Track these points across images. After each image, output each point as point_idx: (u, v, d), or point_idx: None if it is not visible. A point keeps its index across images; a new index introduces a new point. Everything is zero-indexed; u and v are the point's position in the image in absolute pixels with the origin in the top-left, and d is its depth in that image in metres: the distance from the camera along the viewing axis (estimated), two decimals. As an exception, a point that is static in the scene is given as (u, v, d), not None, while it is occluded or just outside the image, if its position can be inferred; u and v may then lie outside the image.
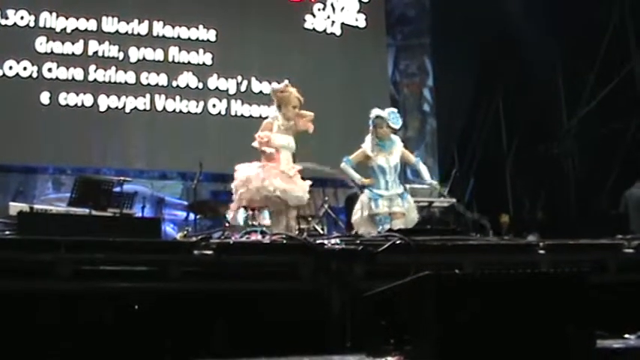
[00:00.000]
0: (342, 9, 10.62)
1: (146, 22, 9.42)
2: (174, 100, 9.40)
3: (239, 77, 9.75)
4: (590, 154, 10.09)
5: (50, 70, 8.85)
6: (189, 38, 9.62)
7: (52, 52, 8.90)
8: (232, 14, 9.98)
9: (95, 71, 9.04)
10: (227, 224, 6.11)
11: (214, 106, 9.60)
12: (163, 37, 9.48)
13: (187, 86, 9.48)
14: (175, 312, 3.30)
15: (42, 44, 8.87)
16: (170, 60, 9.44)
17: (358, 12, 10.72)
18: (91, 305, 3.22)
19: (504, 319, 2.58)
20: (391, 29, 11.37)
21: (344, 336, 3.41)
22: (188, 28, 9.62)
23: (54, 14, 8.98)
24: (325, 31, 10.46)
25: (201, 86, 9.55)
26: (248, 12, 10.03)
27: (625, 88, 9.47)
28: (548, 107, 10.69)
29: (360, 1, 10.75)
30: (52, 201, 8.23)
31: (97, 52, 9.09)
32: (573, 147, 10.54)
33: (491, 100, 11.30)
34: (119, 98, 9.12)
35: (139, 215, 7.40)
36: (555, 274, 2.93)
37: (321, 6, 10.48)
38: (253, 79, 9.77)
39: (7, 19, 8.78)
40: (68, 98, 8.87)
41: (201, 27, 9.69)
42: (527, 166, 10.95)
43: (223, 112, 9.64)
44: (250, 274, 3.58)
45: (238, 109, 9.70)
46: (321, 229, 7.33)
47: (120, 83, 9.16)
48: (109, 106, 9.05)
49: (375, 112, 6.16)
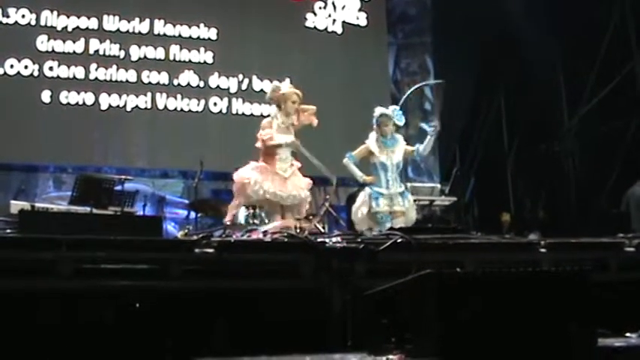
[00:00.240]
0: (343, 7, 10.60)
1: (147, 20, 9.41)
2: (175, 98, 9.39)
3: (240, 76, 9.73)
4: (590, 154, 10.08)
5: (51, 68, 8.84)
6: (190, 37, 9.61)
7: (53, 50, 8.89)
8: (233, 13, 9.97)
9: (96, 70, 9.03)
10: (227, 223, 6.11)
11: (215, 104, 9.59)
12: (164, 35, 9.48)
13: (188, 85, 9.47)
14: (176, 310, 3.30)
15: (43, 43, 8.86)
16: (171, 58, 9.44)
17: (359, 10, 10.70)
18: (92, 304, 3.23)
19: (506, 317, 2.58)
20: (392, 28, 11.35)
21: (345, 334, 3.41)
22: (189, 27, 9.61)
23: (55, 13, 8.98)
24: (326, 29, 10.44)
25: (202, 85, 9.53)
26: (249, 10, 10.02)
27: (626, 88, 9.45)
28: (548, 106, 10.68)
29: (361, -1, 10.76)
30: (53, 199, 8.21)
31: (98, 50, 9.08)
32: (574, 146, 10.52)
33: (492, 99, 11.28)
34: (120, 97, 9.11)
35: (140, 214, 7.40)
36: (557, 273, 2.93)
37: (322, 4, 10.46)
38: (254, 78, 9.75)
39: (8, 17, 8.78)
40: (69, 97, 8.86)
41: (202, 25, 9.67)
42: (528, 165, 10.94)
43: (224, 111, 9.63)
44: (251, 273, 3.58)
45: (239, 107, 9.69)
46: (322, 227, 7.32)
47: (121, 82, 9.15)
48: (110, 105, 9.05)
49: (379, 110, 6.17)
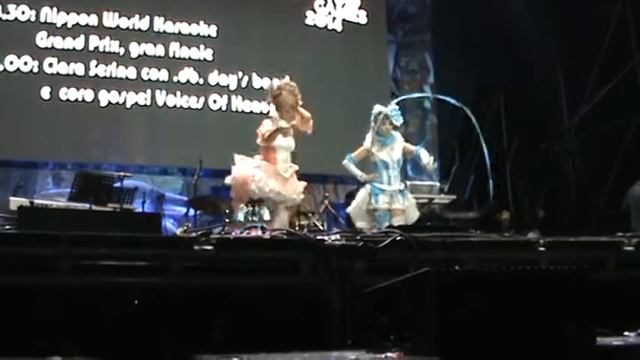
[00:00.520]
0: (343, 5, 10.59)
1: (147, 17, 9.38)
2: (174, 95, 9.37)
3: (240, 73, 9.72)
4: (590, 153, 10.08)
5: (51, 65, 8.81)
6: (190, 34, 9.58)
7: (52, 47, 8.86)
8: (233, 10, 9.95)
9: (96, 66, 9.00)
10: (227, 220, 6.12)
11: (215, 101, 9.58)
12: (164, 32, 9.45)
13: (188, 82, 9.44)
14: (175, 307, 3.30)
15: (43, 39, 8.83)
16: (171, 55, 9.42)
17: (359, 8, 10.69)
18: (91, 300, 3.22)
19: (504, 315, 2.59)
20: (392, 26, 11.33)
21: (344, 332, 3.41)
22: (189, 24, 9.58)
23: (55, 9, 8.95)
24: (326, 27, 10.43)
25: (202, 82, 9.51)
26: (249, 8, 10.01)
27: (626, 88, 9.46)
28: (548, 106, 10.67)
29: (361, -3, 10.75)
30: (52, 196, 8.20)
31: (97, 47, 9.05)
32: (574, 146, 10.52)
33: (491, 97, 11.28)
34: (120, 93, 9.09)
35: (140, 210, 7.40)
36: (555, 272, 2.93)
37: (322, 2, 10.45)
38: (254, 75, 9.73)
39: (8, 13, 8.76)
40: (69, 93, 8.84)
41: (202, 22, 9.64)
42: (527, 164, 10.93)
43: (224, 108, 9.61)
44: (250, 270, 3.59)
45: (239, 104, 9.67)
46: (322, 225, 7.33)
47: (121, 79, 9.12)
48: (110, 102, 9.03)
49: (377, 108, 6.17)
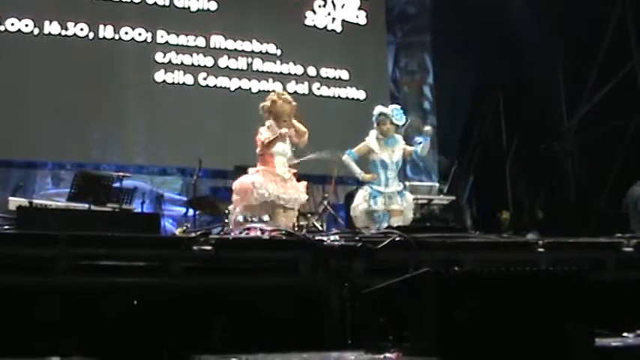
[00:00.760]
0: (343, 6, 10.60)
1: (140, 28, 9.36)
2: (174, 96, 9.37)
3: (239, 74, 9.72)
4: (590, 153, 10.08)
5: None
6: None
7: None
8: (233, 10, 9.96)
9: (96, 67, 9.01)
10: (226, 220, 6.12)
11: (215, 102, 9.57)
12: (163, 38, 9.44)
13: (187, 83, 9.45)
14: (174, 307, 3.30)
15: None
16: (168, 59, 9.39)
17: (359, 9, 10.69)
18: (90, 300, 3.22)
19: (503, 316, 2.59)
20: (391, 26, 11.32)
21: (343, 332, 3.41)
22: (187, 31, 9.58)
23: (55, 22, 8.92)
24: (326, 27, 10.44)
25: (201, 83, 9.51)
26: (248, 8, 10.01)
27: (625, 87, 9.46)
28: (548, 106, 10.68)
29: (360, -2, 10.76)
30: (51, 196, 8.19)
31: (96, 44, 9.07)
32: (574, 146, 10.52)
33: (491, 98, 11.28)
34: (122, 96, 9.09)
35: (139, 211, 7.40)
36: (554, 272, 2.93)
37: (321, 2, 10.45)
38: (254, 76, 9.74)
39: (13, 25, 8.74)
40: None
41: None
42: (527, 164, 10.93)
43: (224, 109, 9.60)
44: (249, 270, 3.58)
45: (239, 105, 9.65)
46: (321, 225, 7.33)
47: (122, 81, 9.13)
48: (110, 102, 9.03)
49: (378, 109, 6.17)
